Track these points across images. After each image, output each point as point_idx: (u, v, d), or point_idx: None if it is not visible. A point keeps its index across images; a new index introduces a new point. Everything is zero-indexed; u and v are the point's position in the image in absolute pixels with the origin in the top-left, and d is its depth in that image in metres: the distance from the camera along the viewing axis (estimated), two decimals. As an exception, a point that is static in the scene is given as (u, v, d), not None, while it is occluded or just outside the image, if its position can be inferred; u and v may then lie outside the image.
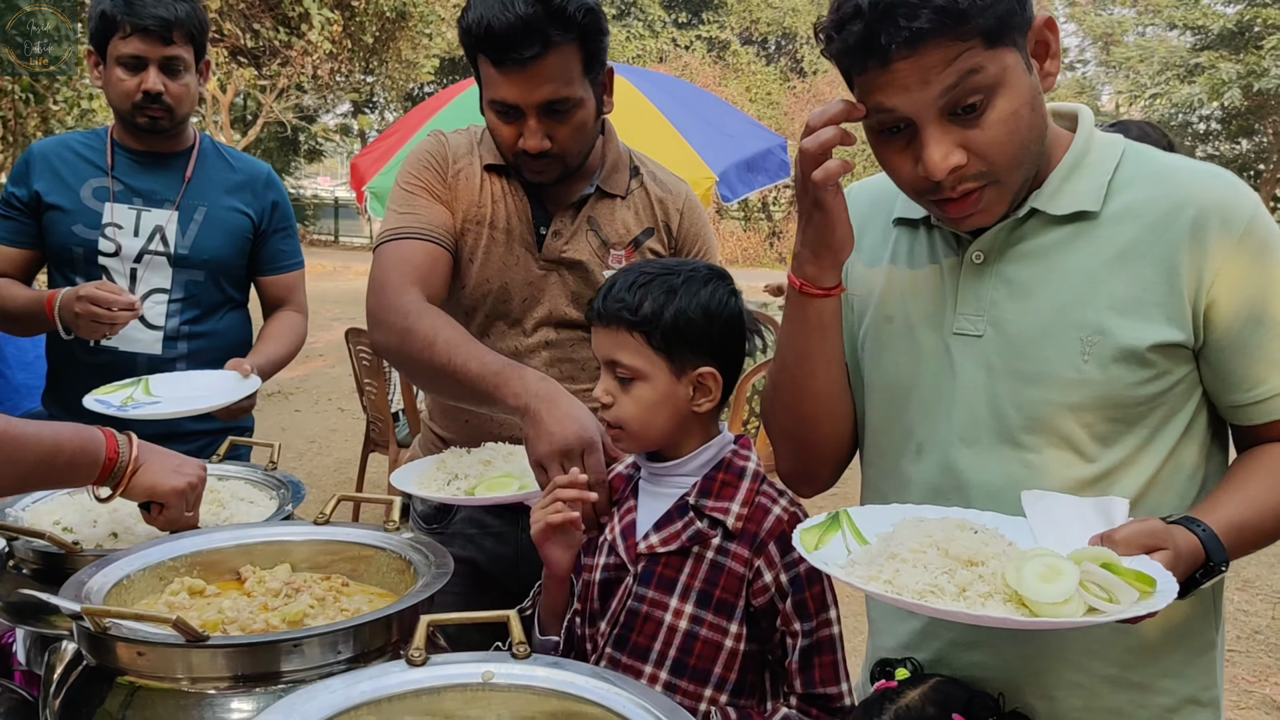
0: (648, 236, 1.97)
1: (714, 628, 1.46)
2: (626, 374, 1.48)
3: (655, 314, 1.46)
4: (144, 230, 2.42)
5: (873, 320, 1.43)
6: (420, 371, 1.77)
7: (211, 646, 1.10)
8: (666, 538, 1.48)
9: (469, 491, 1.66)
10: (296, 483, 1.74)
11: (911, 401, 1.39)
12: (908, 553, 1.13)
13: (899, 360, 1.39)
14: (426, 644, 1.13)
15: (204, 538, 1.45)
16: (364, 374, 5.42)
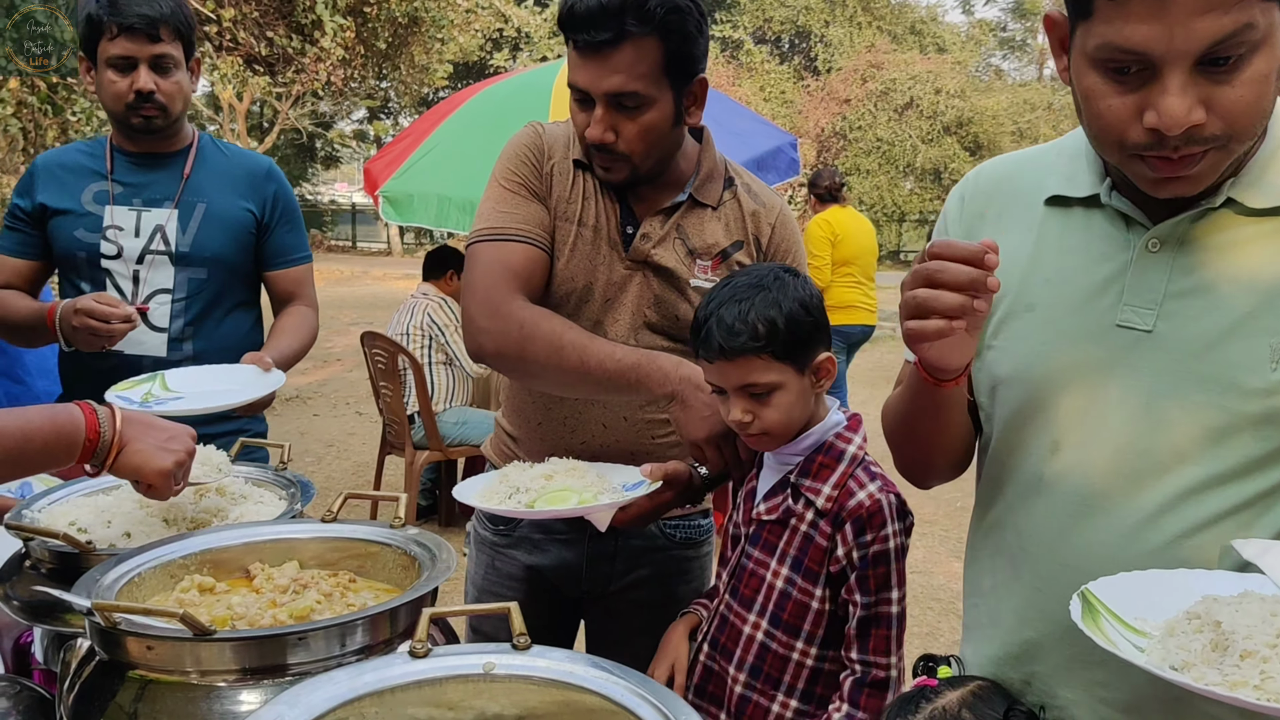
0: (736, 249, 1.93)
1: (803, 590, 1.66)
2: (763, 389, 1.62)
3: (772, 330, 1.60)
4: (144, 230, 2.44)
5: (1010, 309, 1.32)
6: (547, 376, 1.82)
7: (218, 640, 1.13)
8: (770, 508, 1.71)
9: (529, 505, 1.69)
10: (306, 482, 1.76)
11: (1051, 395, 1.27)
12: (1264, 648, 0.95)
13: (1040, 351, 1.28)
14: (429, 636, 1.15)
15: (213, 536, 1.48)
16: (379, 377, 5.46)
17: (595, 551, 2.01)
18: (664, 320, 1.90)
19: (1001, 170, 1.42)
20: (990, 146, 26.50)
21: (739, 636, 1.72)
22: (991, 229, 1.36)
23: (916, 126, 26.22)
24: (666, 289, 1.89)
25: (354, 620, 1.19)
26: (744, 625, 1.71)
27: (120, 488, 1.73)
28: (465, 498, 1.74)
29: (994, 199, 1.39)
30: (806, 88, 27.73)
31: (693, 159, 1.95)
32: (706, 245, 1.91)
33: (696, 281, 1.89)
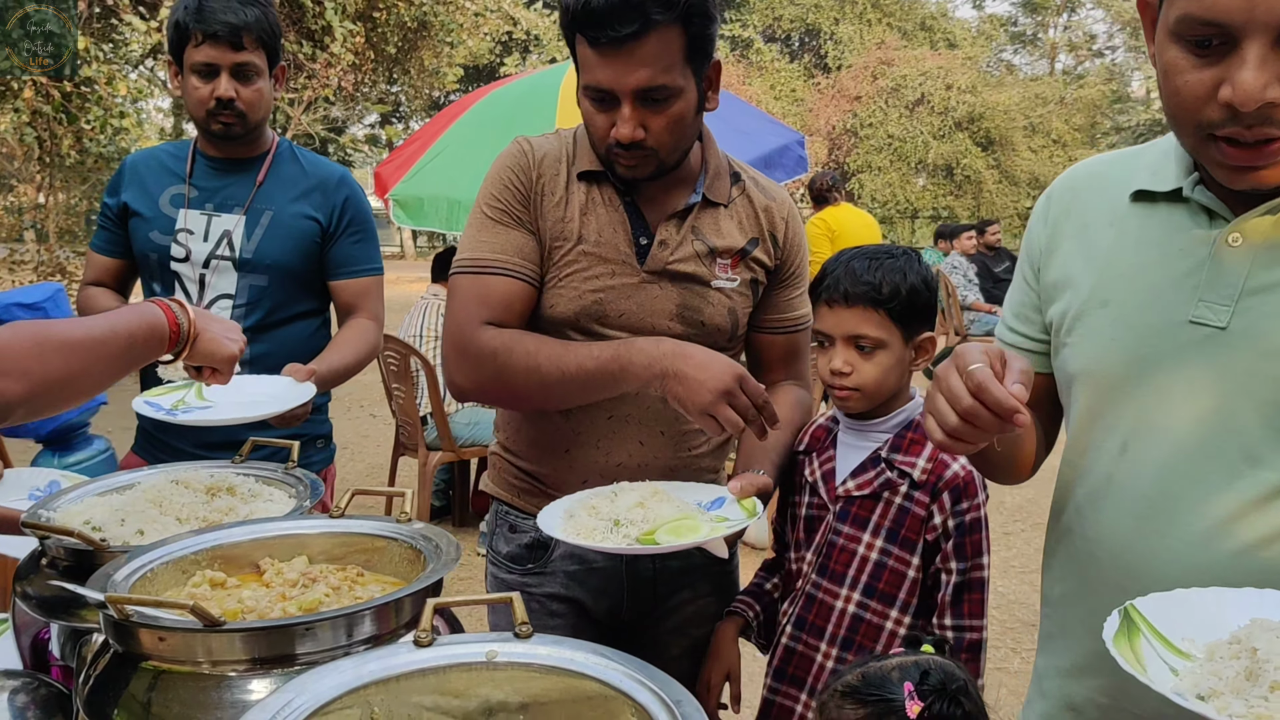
0: (754, 246, 1.89)
1: (899, 560, 1.77)
2: (870, 344, 1.79)
3: (895, 291, 1.78)
4: (213, 235, 2.47)
5: (1085, 306, 1.30)
6: (531, 395, 1.78)
7: (228, 631, 1.16)
8: (861, 483, 1.82)
9: (644, 539, 1.57)
10: (315, 480, 1.79)
11: (1120, 393, 1.24)
12: None
13: (1110, 347, 1.26)
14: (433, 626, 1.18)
15: (224, 533, 1.51)
16: (392, 379, 5.50)
17: (634, 578, 1.96)
18: (690, 329, 1.83)
19: (1091, 169, 1.41)
20: (1002, 142, 26.42)
21: (830, 612, 1.81)
22: (1075, 225, 1.36)
23: (928, 123, 26.15)
24: (689, 295, 1.83)
25: (360, 611, 1.22)
26: (836, 600, 1.80)
27: (134, 487, 1.77)
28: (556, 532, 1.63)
29: (1080, 196, 1.37)
30: (817, 85, 27.72)
31: (698, 156, 1.89)
32: (725, 244, 1.86)
33: (719, 283, 1.85)
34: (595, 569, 1.94)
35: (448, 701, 1.19)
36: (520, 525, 1.95)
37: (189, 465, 1.87)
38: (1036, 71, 32.97)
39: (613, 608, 1.97)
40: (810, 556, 1.86)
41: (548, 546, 1.93)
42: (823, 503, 1.86)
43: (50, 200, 11.63)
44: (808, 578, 1.85)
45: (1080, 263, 1.32)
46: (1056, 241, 1.38)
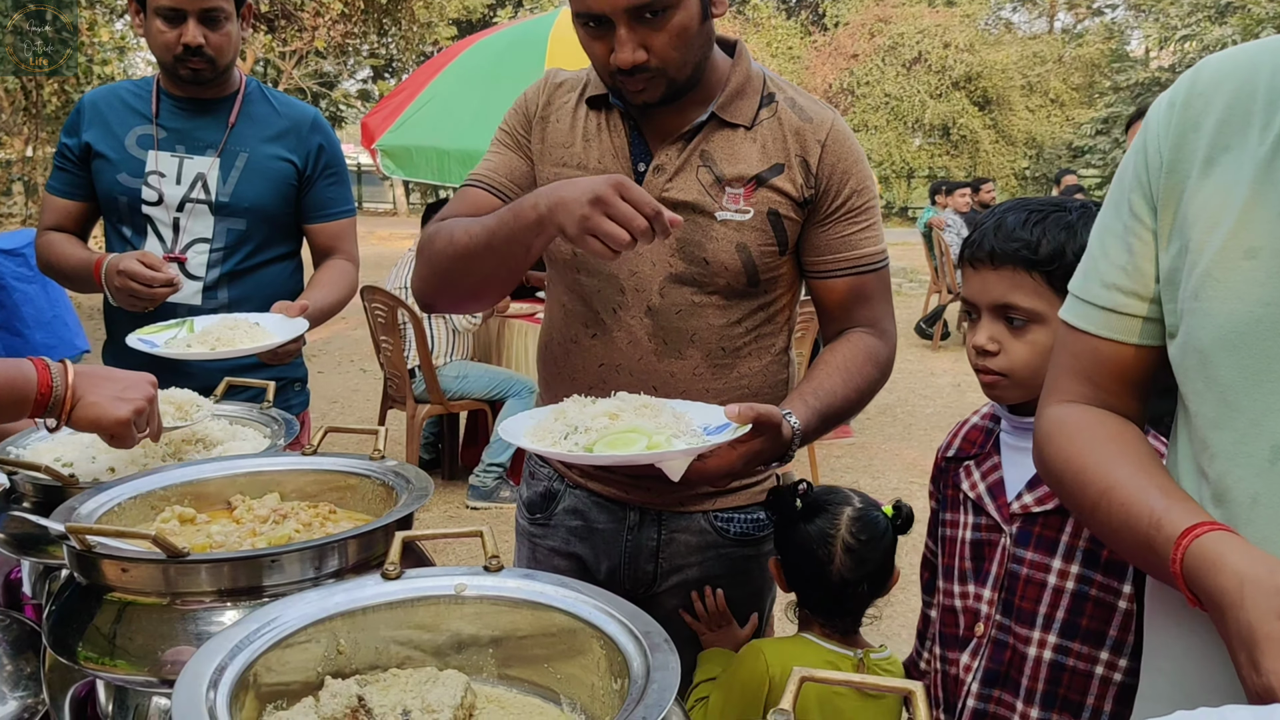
0: (775, 174, 1.64)
1: (1104, 588, 1.39)
2: (1022, 317, 1.43)
3: (1057, 252, 1.39)
4: (186, 178, 2.41)
5: (1219, 257, 0.97)
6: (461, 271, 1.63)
7: (192, 562, 1.14)
8: (1042, 496, 1.43)
9: (588, 448, 1.37)
10: (290, 419, 1.77)
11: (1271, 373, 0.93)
12: None
13: (1260, 313, 0.94)
14: (401, 560, 1.17)
15: (194, 469, 1.49)
16: (380, 331, 5.47)
17: (636, 545, 1.79)
18: (693, 267, 1.64)
19: (1232, 63, 1.03)
20: (999, 101, 26.23)
21: (1024, 661, 1.44)
22: (1206, 145, 1.02)
23: (925, 81, 25.94)
24: (689, 229, 1.63)
25: (328, 543, 1.20)
26: (1028, 646, 1.43)
27: (106, 425, 1.74)
28: (513, 437, 1.43)
29: (1215, 102, 1.02)
30: (814, 43, 27.45)
31: (723, 72, 1.68)
32: (737, 172, 1.63)
33: (725, 214, 1.63)
34: (596, 529, 1.81)
35: (417, 635, 1.18)
36: (538, 472, 1.87)
37: (161, 404, 1.85)
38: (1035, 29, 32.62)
39: (613, 571, 1.84)
40: (988, 594, 1.48)
41: (555, 497, 1.84)
42: (993, 523, 1.48)
43: (38, 153, 11.51)
44: (990, 620, 1.47)
45: (1215, 194, 0.99)
46: (1181, 163, 1.04)
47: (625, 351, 1.67)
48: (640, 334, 1.66)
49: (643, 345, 1.66)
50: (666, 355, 1.66)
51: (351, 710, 1.03)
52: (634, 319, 1.66)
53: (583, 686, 1.12)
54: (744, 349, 1.70)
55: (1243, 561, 0.86)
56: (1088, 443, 1.09)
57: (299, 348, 2.28)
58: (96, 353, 3.80)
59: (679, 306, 1.65)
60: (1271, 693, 0.80)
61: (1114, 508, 1.01)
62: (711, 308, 1.66)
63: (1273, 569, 0.85)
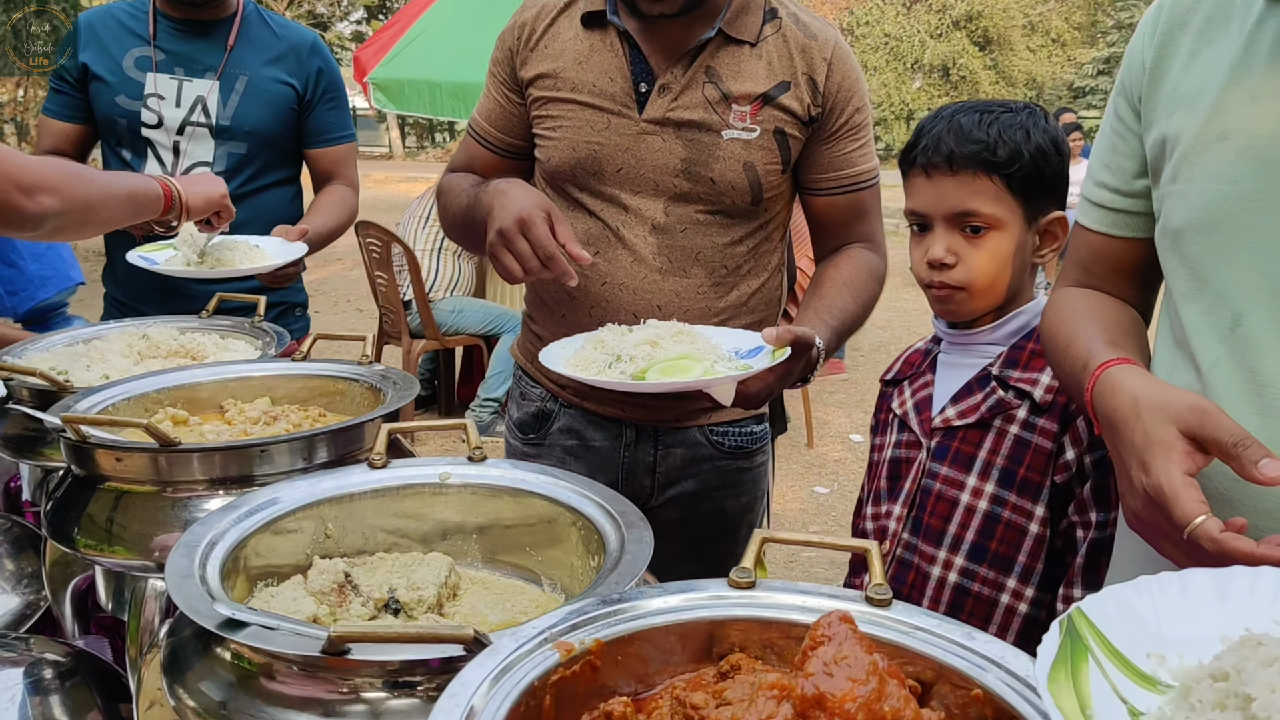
0: (781, 91, 1.63)
1: (1017, 510, 1.35)
2: (981, 223, 1.38)
3: (1015, 153, 1.35)
4: (185, 101, 2.40)
5: (1195, 141, 1.02)
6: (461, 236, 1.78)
7: (184, 451, 1.17)
8: (965, 410, 1.41)
9: (638, 376, 1.38)
10: (281, 331, 1.80)
11: (1240, 251, 0.97)
12: None
13: (1228, 191, 0.98)
14: (388, 450, 1.20)
15: (187, 373, 1.52)
16: (374, 266, 5.48)
17: (633, 461, 1.80)
18: (698, 186, 1.64)
19: None
20: (1000, 41, 25.92)
21: (926, 583, 1.41)
22: (1191, 41, 1.06)
23: (925, 21, 25.63)
24: (695, 147, 1.62)
25: (317, 434, 1.24)
26: (933, 566, 1.40)
27: (102, 337, 1.77)
28: (553, 364, 1.44)
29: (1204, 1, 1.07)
30: (812, -19, 27.06)
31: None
32: (744, 89, 1.62)
33: (732, 133, 1.61)
34: (592, 447, 1.81)
35: (404, 523, 1.22)
36: (529, 393, 1.87)
37: (156, 319, 1.87)
38: (1038, -32, 32.16)
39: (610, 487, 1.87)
40: (898, 510, 1.44)
41: (549, 417, 1.85)
42: (914, 439, 1.46)
43: (29, 94, 11.39)
44: (897, 538, 1.44)
45: (1195, 84, 1.03)
46: (1165, 60, 1.08)
47: (628, 270, 1.66)
48: (645, 253, 1.65)
49: (648, 264, 1.66)
50: (671, 274, 1.66)
51: (338, 586, 1.07)
52: (638, 237, 1.65)
53: (563, 567, 1.16)
54: (744, 267, 1.71)
55: (1139, 385, 0.94)
56: (1070, 313, 1.16)
57: (298, 271, 2.29)
58: (91, 285, 3.81)
59: (684, 225, 1.65)
60: (1159, 491, 0.86)
61: (1068, 358, 1.10)
62: (716, 226, 1.66)
63: (1165, 389, 0.92)
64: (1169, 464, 0.85)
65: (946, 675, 0.80)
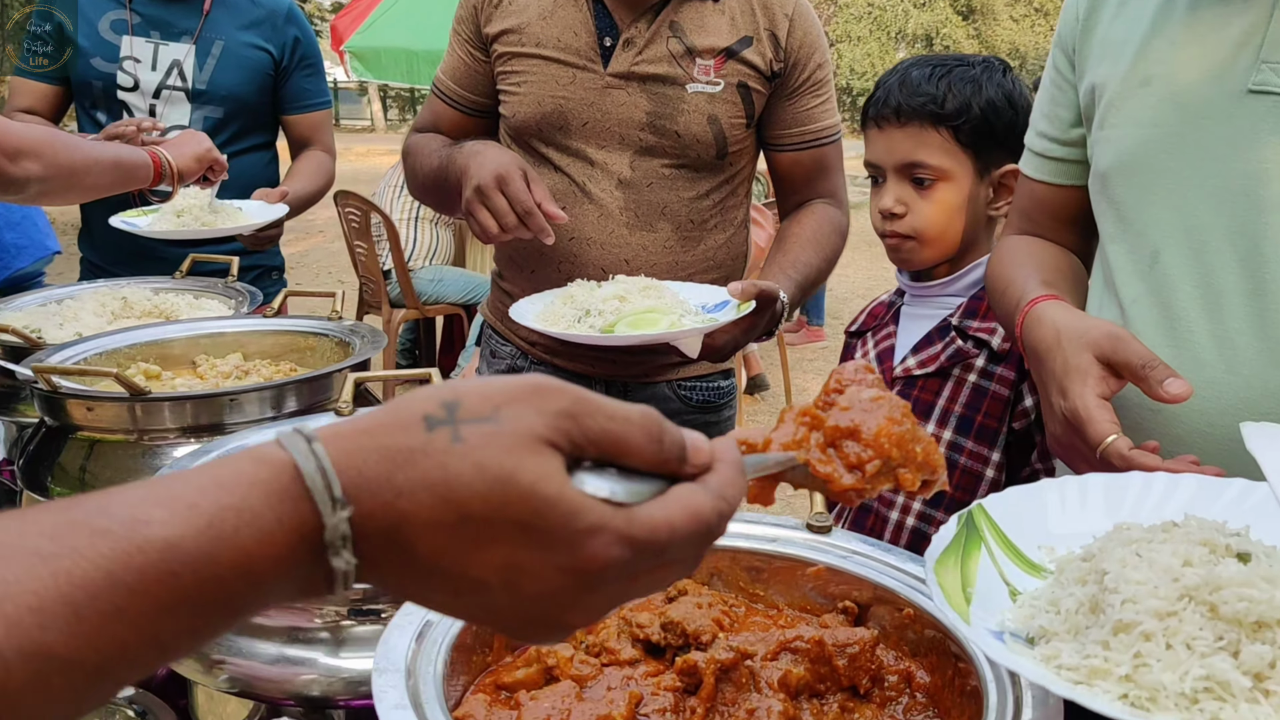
0: (744, 46, 1.66)
1: (974, 456, 1.37)
2: (929, 175, 1.40)
3: (963, 106, 1.38)
4: (161, 64, 2.40)
5: (1120, 88, 1.06)
6: (430, 197, 1.79)
7: (155, 400, 1.20)
8: (925, 360, 1.44)
9: (607, 329, 1.40)
10: (254, 291, 1.82)
11: (1160, 190, 1.00)
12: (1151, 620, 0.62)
13: (1154, 134, 1.01)
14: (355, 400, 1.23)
15: (159, 329, 1.54)
16: (353, 236, 5.48)
17: None
18: (664, 140, 1.66)
19: None
20: (983, 10, 25.87)
21: (884, 525, 1.44)
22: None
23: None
24: (660, 101, 1.64)
25: (286, 384, 1.27)
26: (891, 510, 1.43)
27: (75, 297, 1.79)
28: (523, 319, 1.48)
29: None
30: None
31: None
32: (707, 43, 1.64)
33: (696, 86, 1.64)
34: None
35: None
36: (499, 350, 1.89)
37: (129, 280, 1.89)
38: (1022, -63, 32.05)
39: None
40: None
41: (519, 374, 1.89)
42: None
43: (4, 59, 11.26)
44: None
45: (1121, 33, 1.07)
46: (1096, 11, 1.13)
47: (596, 225, 1.68)
48: (612, 207, 1.67)
49: (614, 219, 1.67)
50: (638, 228, 1.68)
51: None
52: (605, 192, 1.67)
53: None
54: (710, 221, 1.73)
55: (1061, 317, 0.98)
56: (1010, 258, 1.20)
57: (279, 234, 2.32)
58: (68, 255, 3.81)
59: (650, 179, 1.67)
60: (1075, 413, 0.90)
61: (1006, 299, 1.14)
62: (682, 180, 1.68)
63: (1084, 319, 0.97)
64: (1084, 388, 0.90)
65: (881, 596, 0.85)
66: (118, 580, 0.36)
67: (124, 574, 0.36)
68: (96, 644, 0.36)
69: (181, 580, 0.37)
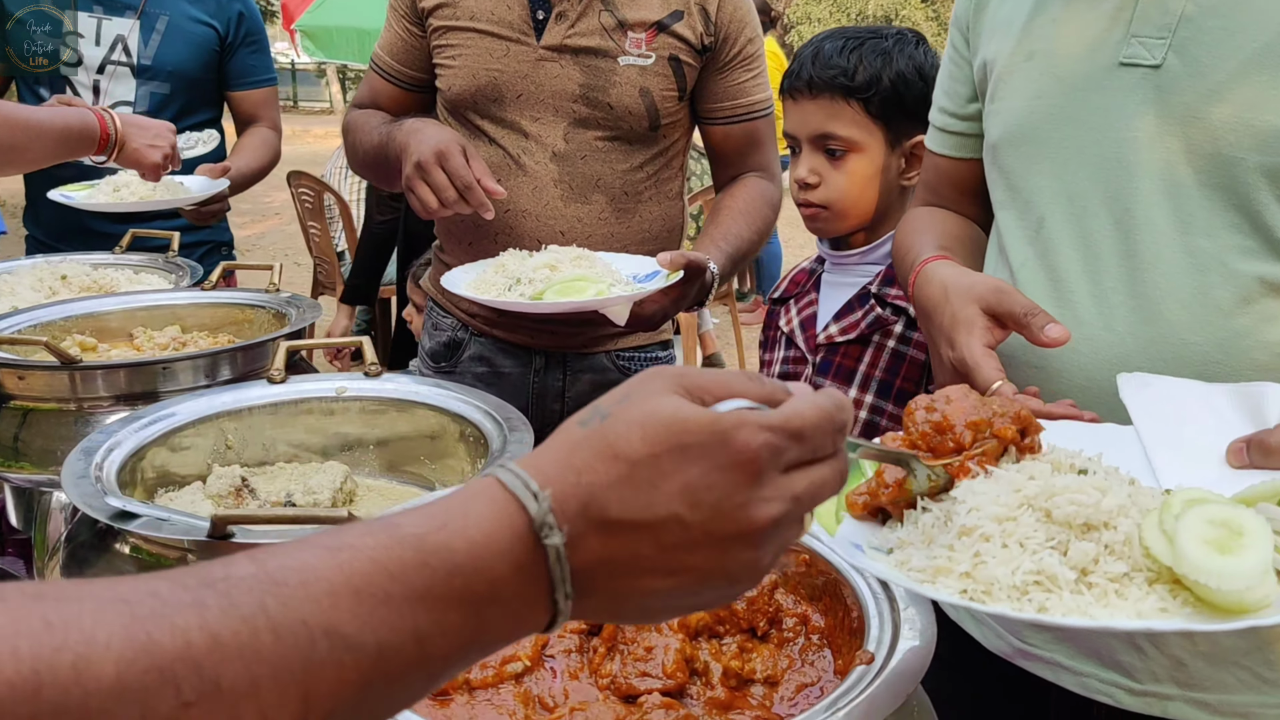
0: (675, 20, 1.69)
1: (894, 418, 1.41)
2: (840, 146, 1.44)
3: (873, 79, 1.42)
4: (105, 39, 2.38)
5: (1008, 63, 1.11)
6: (372, 174, 1.83)
7: (86, 368, 1.22)
8: (846, 327, 1.48)
9: (536, 297, 1.43)
10: (194, 265, 1.83)
11: (1044, 158, 1.06)
12: (990, 524, 0.69)
13: (1037, 106, 1.06)
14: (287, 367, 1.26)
15: (95, 302, 1.55)
16: (307, 216, 5.45)
17: (542, 387, 1.85)
18: (597, 112, 1.69)
19: None
20: (942, -8, 26.00)
21: None
22: None
23: (868, -28, 25.61)
24: (592, 73, 1.67)
25: (219, 352, 1.29)
26: None
27: (13, 272, 1.79)
28: (455, 287, 1.51)
29: None
30: (757, -68, 26.87)
31: None
32: (639, 16, 1.67)
33: (628, 59, 1.67)
34: (502, 374, 1.85)
35: (306, 437, 1.28)
36: (441, 322, 1.90)
37: (67, 255, 1.90)
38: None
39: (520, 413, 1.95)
40: None
41: (460, 345, 1.88)
42: (800, 355, 1.54)
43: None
44: None
45: (1009, 11, 1.13)
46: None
47: (531, 197, 1.70)
48: (546, 179, 1.69)
49: (549, 191, 1.70)
50: (573, 200, 1.70)
51: (235, 490, 1.13)
52: (539, 164, 1.69)
53: (455, 474, 1.23)
54: (645, 193, 1.76)
55: (949, 274, 1.04)
56: (913, 227, 1.25)
57: (224, 209, 2.33)
58: (14, 236, 3.77)
59: (584, 152, 1.69)
60: (962, 362, 0.95)
61: (905, 265, 1.20)
62: (615, 152, 1.70)
63: (970, 275, 1.03)
64: (971, 338, 0.94)
65: (781, 543, 0.89)
66: (382, 567, 0.44)
67: (387, 562, 0.44)
68: (372, 625, 0.42)
69: (429, 568, 0.45)
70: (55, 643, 0.35)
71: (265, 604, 0.40)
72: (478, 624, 0.46)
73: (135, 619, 0.36)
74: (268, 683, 0.39)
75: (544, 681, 0.77)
